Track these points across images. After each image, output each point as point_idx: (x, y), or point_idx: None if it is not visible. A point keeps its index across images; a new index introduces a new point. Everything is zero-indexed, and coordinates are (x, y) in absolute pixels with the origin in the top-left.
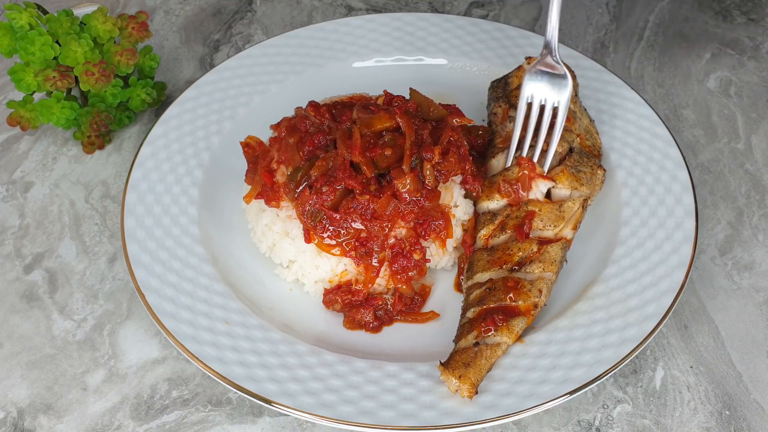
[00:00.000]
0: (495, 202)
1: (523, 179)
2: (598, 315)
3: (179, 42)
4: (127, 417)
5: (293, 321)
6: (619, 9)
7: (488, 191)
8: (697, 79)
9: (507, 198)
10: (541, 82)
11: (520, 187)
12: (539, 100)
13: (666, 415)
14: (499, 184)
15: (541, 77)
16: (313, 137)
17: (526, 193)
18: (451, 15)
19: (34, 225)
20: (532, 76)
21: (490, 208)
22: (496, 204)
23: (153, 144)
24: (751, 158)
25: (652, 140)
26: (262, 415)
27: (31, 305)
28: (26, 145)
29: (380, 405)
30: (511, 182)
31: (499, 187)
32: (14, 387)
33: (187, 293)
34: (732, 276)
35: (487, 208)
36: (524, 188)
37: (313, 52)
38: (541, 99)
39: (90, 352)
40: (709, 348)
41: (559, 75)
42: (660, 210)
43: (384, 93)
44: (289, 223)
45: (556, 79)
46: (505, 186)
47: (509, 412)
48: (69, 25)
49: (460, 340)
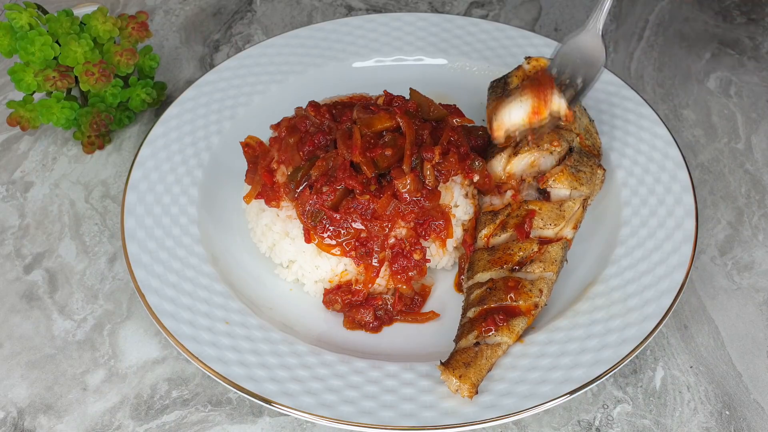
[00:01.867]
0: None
1: (539, 90)
2: (598, 315)
3: (179, 42)
4: (127, 417)
5: (293, 321)
6: (619, 9)
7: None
8: (697, 79)
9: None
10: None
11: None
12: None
13: (666, 415)
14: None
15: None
16: (314, 137)
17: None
18: (451, 15)
19: (34, 225)
20: (567, 48)
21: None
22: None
23: (153, 144)
24: (751, 158)
25: (652, 140)
26: (262, 415)
27: (31, 305)
28: (26, 145)
29: (380, 405)
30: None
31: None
32: (14, 387)
33: (187, 293)
34: (732, 276)
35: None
36: (540, 103)
37: (313, 52)
38: (570, 75)
39: (90, 352)
40: (709, 348)
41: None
42: (660, 210)
43: (384, 93)
44: (289, 223)
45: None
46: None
47: (509, 412)
48: (69, 25)
49: (461, 339)
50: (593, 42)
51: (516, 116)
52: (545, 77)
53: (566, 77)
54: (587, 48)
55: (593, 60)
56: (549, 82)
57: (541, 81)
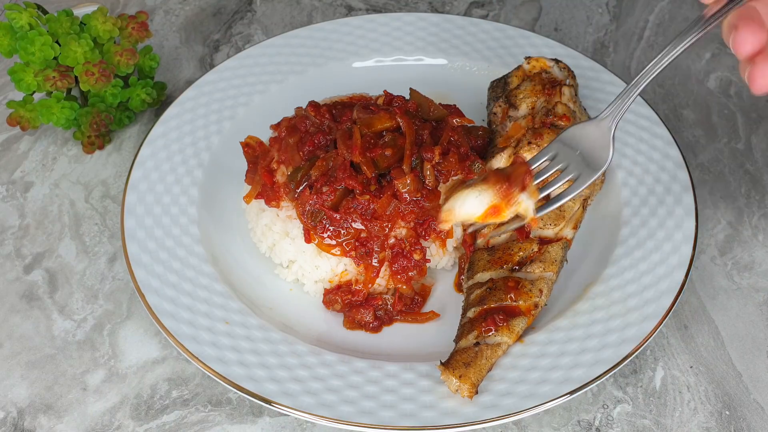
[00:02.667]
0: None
1: (515, 180)
2: (598, 315)
3: (179, 42)
4: (127, 417)
5: (293, 321)
6: (619, 9)
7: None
8: (697, 79)
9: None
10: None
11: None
12: (561, 162)
13: (666, 415)
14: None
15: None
16: (313, 137)
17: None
18: (451, 15)
19: (34, 225)
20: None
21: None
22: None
23: (153, 144)
24: (751, 158)
25: (652, 140)
26: (262, 415)
27: (31, 305)
28: (26, 145)
29: (380, 405)
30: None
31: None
32: (14, 387)
33: (187, 293)
34: (732, 276)
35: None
36: (508, 194)
37: (313, 52)
38: (564, 163)
39: (90, 352)
40: (709, 348)
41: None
42: (660, 210)
43: (384, 93)
44: (289, 223)
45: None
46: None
47: (509, 412)
48: (69, 25)
49: (461, 339)
50: (601, 138)
51: (469, 209)
52: (519, 171)
53: (562, 166)
54: (592, 141)
55: (595, 158)
56: (520, 178)
57: (512, 175)
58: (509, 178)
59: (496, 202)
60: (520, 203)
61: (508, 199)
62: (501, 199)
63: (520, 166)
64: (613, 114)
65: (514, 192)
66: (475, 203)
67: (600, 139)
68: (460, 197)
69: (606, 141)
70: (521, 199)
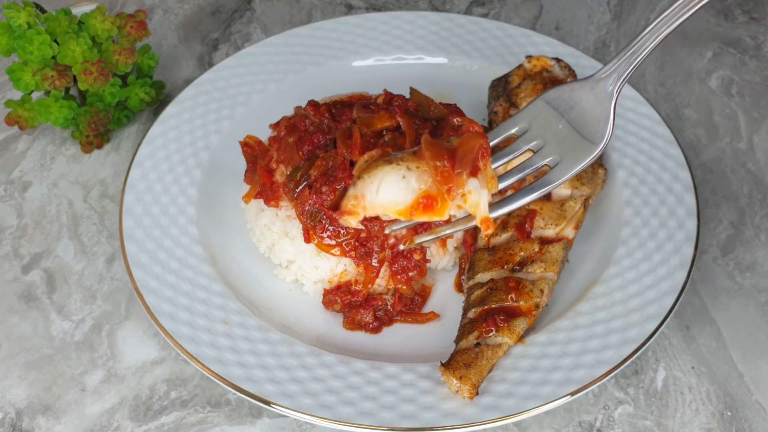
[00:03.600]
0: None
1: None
2: (599, 315)
3: (178, 41)
4: (126, 418)
5: (292, 322)
6: (620, 7)
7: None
8: (699, 78)
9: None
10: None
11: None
12: (536, 138)
13: (667, 416)
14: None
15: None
16: (313, 136)
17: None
18: (451, 13)
19: (32, 225)
20: (550, 98)
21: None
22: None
23: (151, 143)
24: (752, 158)
25: (654, 139)
26: (261, 416)
27: (29, 306)
28: (24, 145)
29: (380, 406)
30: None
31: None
32: (12, 388)
33: (186, 294)
34: (734, 276)
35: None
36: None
37: (312, 51)
38: (539, 140)
39: (88, 353)
40: (711, 349)
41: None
42: (661, 210)
43: (384, 92)
44: (288, 223)
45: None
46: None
47: (510, 413)
48: (67, 23)
49: (461, 340)
50: (598, 106)
51: (388, 196)
52: (470, 145)
53: (536, 145)
54: (584, 110)
55: (586, 134)
56: (471, 155)
57: (459, 150)
58: (453, 154)
59: (430, 190)
60: (467, 195)
61: (449, 187)
62: (438, 186)
63: (472, 137)
64: (616, 73)
65: (460, 176)
66: (396, 189)
67: (596, 108)
68: (376, 177)
69: (604, 111)
70: (470, 187)
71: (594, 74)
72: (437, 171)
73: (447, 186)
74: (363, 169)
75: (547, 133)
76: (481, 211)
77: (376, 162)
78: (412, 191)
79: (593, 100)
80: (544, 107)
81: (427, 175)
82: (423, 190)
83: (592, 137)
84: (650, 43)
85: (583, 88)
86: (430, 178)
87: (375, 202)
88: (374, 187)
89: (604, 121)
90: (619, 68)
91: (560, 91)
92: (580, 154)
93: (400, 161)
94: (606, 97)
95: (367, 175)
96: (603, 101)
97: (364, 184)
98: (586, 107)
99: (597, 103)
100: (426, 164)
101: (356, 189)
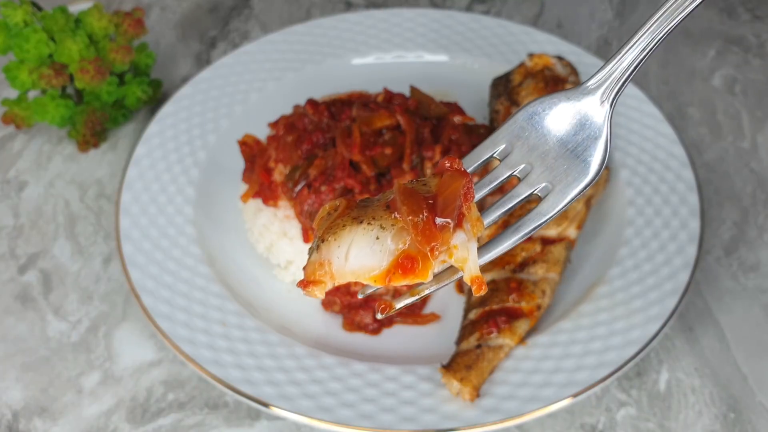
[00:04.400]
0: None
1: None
2: (601, 317)
3: (175, 39)
4: (123, 420)
5: (291, 323)
6: (622, 5)
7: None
8: (702, 76)
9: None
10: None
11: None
12: (521, 162)
13: (670, 418)
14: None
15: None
16: (312, 135)
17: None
18: (452, 11)
19: (28, 225)
20: (532, 112)
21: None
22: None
23: (148, 142)
24: (756, 157)
25: (657, 138)
26: (260, 419)
27: (26, 306)
28: (21, 144)
29: (380, 408)
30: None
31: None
32: (8, 389)
33: (183, 294)
34: (737, 277)
35: None
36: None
37: (311, 49)
38: (524, 163)
39: (85, 354)
40: (714, 350)
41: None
42: (665, 210)
43: (384, 90)
44: (287, 223)
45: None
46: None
47: (511, 416)
48: (64, 22)
49: (462, 342)
50: (590, 121)
51: (360, 261)
52: (453, 190)
53: (521, 171)
54: (573, 126)
55: (582, 151)
56: (454, 202)
57: (440, 198)
58: (434, 203)
59: (409, 250)
60: (452, 249)
61: (431, 246)
62: (419, 245)
63: (453, 177)
64: (609, 80)
65: (444, 230)
66: (370, 252)
67: (587, 124)
68: (343, 240)
69: (597, 128)
70: (456, 242)
71: (582, 84)
72: (416, 227)
73: (429, 245)
74: (327, 229)
75: (533, 154)
76: (471, 269)
77: (341, 219)
78: (389, 253)
79: (583, 115)
80: (526, 124)
81: (404, 232)
82: (401, 250)
83: (585, 159)
84: (648, 45)
85: (570, 101)
86: (409, 236)
87: (344, 270)
88: (342, 251)
89: (595, 140)
90: (610, 78)
91: (544, 104)
92: (575, 178)
93: (371, 219)
94: (598, 112)
95: (332, 237)
96: (594, 116)
97: (329, 249)
98: (575, 123)
99: (588, 119)
100: (403, 220)
101: (320, 254)
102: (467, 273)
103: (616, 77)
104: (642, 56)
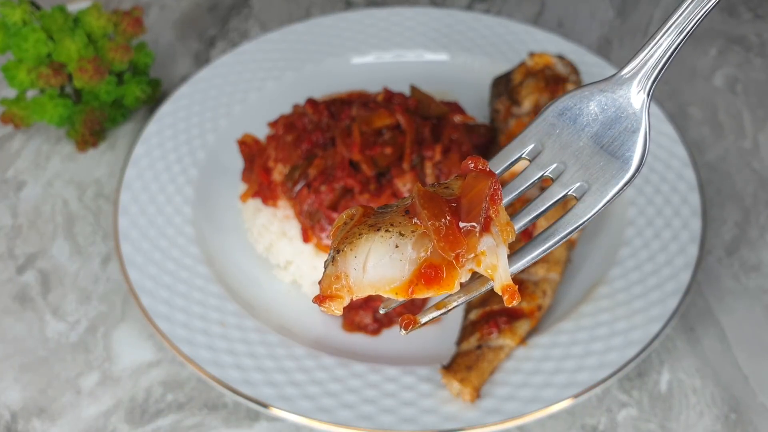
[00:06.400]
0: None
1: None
2: (602, 317)
3: (174, 38)
4: (121, 421)
5: (290, 323)
6: (623, 4)
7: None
8: (703, 76)
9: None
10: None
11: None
12: (553, 162)
13: (672, 418)
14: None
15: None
16: (311, 135)
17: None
18: (452, 10)
19: (26, 225)
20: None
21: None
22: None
23: (147, 142)
24: (757, 157)
25: (658, 138)
26: (259, 420)
27: (24, 306)
28: (19, 144)
29: (380, 409)
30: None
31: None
32: (7, 390)
33: (182, 295)
34: (739, 277)
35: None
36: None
37: (311, 48)
38: (557, 163)
39: (83, 355)
40: (716, 350)
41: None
42: (666, 209)
43: (384, 90)
44: (286, 222)
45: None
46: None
47: (512, 417)
48: (63, 21)
49: (462, 342)
50: (625, 114)
51: (379, 273)
52: (477, 192)
53: (553, 171)
54: (610, 121)
55: (619, 148)
56: (479, 206)
57: (464, 202)
58: (457, 206)
59: (432, 258)
60: (480, 256)
61: (456, 253)
62: (443, 252)
63: (477, 178)
64: (645, 68)
65: (470, 235)
66: (389, 262)
67: (622, 117)
68: (360, 250)
69: (634, 120)
70: (483, 247)
71: (615, 74)
72: (439, 233)
73: (454, 252)
74: (342, 239)
75: (565, 152)
76: (502, 277)
77: (357, 227)
78: (410, 262)
79: (618, 107)
80: (557, 120)
81: (426, 238)
82: (423, 259)
83: (623, 154)
84: (686, 28)
85: (604, 93)
86: (431, 243)
87: (362, 282)
88: (359, 262)
89: (636, 133)
90: (646, 65)
91: (574, 98)
92: (613, 175)
93: (389, 226)
94: (634, 103)
95: (348, 248)
96: (630, 108)
97: (345, 261)
98: (610, 116)
99: (624, 110)
100: (423, 225)
101: (336, 267)
102: (498, 282)
103: (653, 64)
104: (680, 40)
